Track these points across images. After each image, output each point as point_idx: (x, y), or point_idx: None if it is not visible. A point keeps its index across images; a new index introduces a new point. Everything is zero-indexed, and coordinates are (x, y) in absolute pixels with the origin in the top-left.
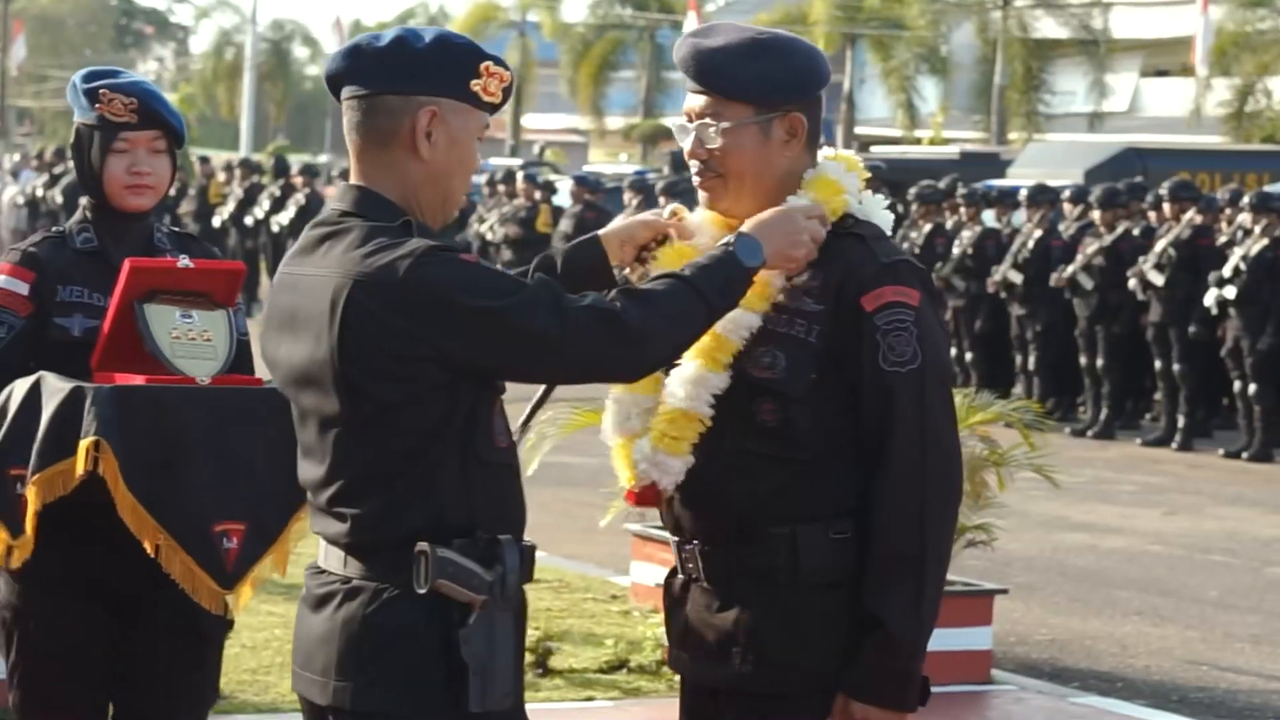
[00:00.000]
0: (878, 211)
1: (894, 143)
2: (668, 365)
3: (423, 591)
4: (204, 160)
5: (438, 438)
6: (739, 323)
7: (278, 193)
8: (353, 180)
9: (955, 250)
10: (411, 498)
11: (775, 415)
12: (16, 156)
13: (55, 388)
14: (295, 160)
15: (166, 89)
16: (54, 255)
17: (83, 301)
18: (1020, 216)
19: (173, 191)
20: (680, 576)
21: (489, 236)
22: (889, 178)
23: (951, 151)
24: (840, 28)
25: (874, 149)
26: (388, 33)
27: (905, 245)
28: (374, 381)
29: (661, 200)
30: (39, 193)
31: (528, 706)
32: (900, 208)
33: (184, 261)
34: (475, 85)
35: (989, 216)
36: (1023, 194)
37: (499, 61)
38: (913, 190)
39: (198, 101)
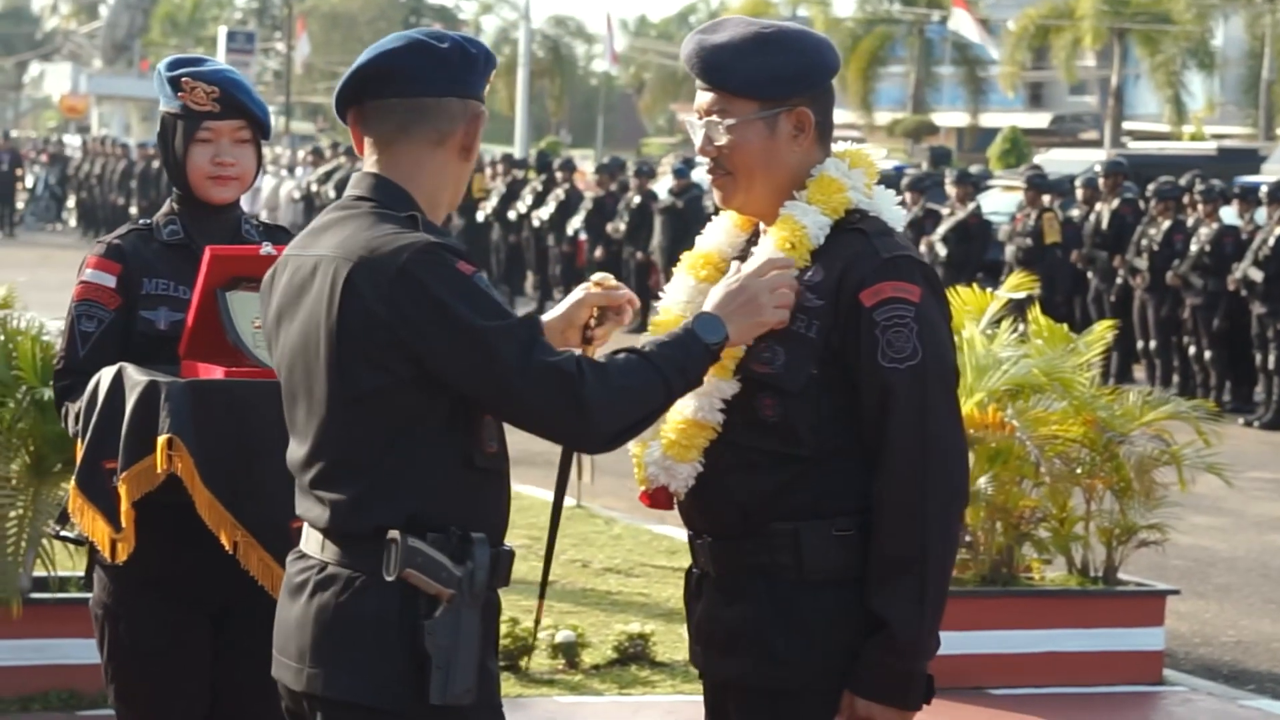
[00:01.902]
0: (888, 207)
1: (1162, 138)
2: (623, 443)
3: (390, 579)
4: None
5: (415, 432)
6: None
7: (539, 188)
8: (370, 169)
9: (1193, 247)
10: (388, 489)
11: (775, 410)
12: (304, 151)
13: (134, 381)
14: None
15: None
16: (139, 247)
17: (168, 294)
18: (1263, 214)
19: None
20: (696, 571)
21: None
22: (1138, 174)
23: (1209, 147)
24: (1107, 22)
25: (1133, 145)
26: (419, 35)
27: (1144, 242)
28: (357, 366)
29: (907, 197)
30: (313, 187)
31: (685, 698)
32: (1141, 204)
33: (267, 249)
34: (485, 90)
35: (1230, 213)
36: (1263, 190)
37: None
38: (1151, 186)
39: None
